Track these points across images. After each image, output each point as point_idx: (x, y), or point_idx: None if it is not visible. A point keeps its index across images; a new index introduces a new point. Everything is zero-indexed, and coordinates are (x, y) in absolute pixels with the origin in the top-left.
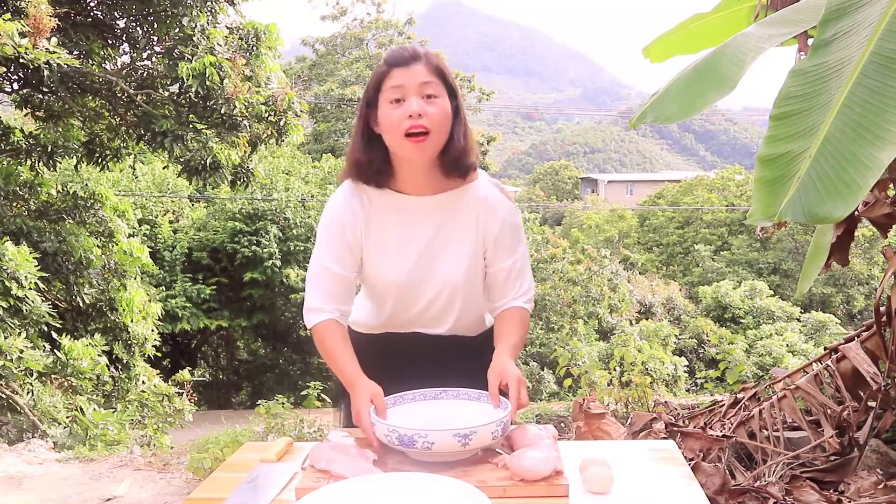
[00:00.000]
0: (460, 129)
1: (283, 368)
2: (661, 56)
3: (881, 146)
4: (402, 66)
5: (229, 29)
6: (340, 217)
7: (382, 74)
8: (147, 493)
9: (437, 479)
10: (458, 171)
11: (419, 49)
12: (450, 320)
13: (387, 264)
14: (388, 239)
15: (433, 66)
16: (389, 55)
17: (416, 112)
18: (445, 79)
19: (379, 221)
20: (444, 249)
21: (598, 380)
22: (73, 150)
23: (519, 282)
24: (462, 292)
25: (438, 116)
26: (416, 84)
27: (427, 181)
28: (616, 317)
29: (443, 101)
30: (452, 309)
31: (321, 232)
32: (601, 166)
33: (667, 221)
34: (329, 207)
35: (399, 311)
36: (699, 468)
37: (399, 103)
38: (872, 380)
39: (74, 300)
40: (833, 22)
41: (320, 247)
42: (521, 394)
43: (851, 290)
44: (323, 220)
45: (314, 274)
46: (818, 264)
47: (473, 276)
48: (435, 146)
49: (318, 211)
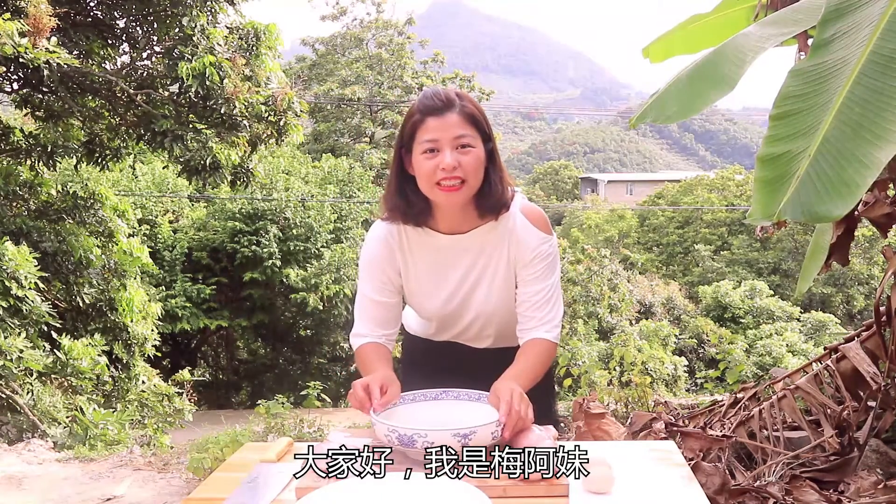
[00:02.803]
0: (496, 174)
1: (283, 368)
2: (660, 56)
3: (880, 145)
4: (436, 114)
5: (229, 29)
6: (379, 254)
7: (416, 123)
8: (147, 493)
9: (437, 479)
10: (492, 212)
11: (453, 96)
12: (489, 339)
13: (424, 299)
14: (424, 275)
15: (467, 115)
16: (423, 103)
17: (451, 165)
18: (479, 125)
19: (415, 258)
20: (478, 283)
21: (598, 380)
22: (73, 150)
23: (546, 309)
24: (497, 318)
25: (472, 166)
26: (451, 137)
27: (462, 221)
28: (616, 317)
29: (477, 150)
30: (490, 330)
31: (362, 267)
32: (601, 166)
33: (667, 221)
34: (367, 245)
35: (441, 330)
36: (699, 468)
37: (433, 153)
38: (872, 380)
39: (74, 300)
40: (833, 22)
41: (362, 280)
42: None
43: (851, 290)
44: (363, 257)
45: (359, 304)
46: (818, 264)
47: (507, 302)
48: (469, 193)
49: (317, 211)
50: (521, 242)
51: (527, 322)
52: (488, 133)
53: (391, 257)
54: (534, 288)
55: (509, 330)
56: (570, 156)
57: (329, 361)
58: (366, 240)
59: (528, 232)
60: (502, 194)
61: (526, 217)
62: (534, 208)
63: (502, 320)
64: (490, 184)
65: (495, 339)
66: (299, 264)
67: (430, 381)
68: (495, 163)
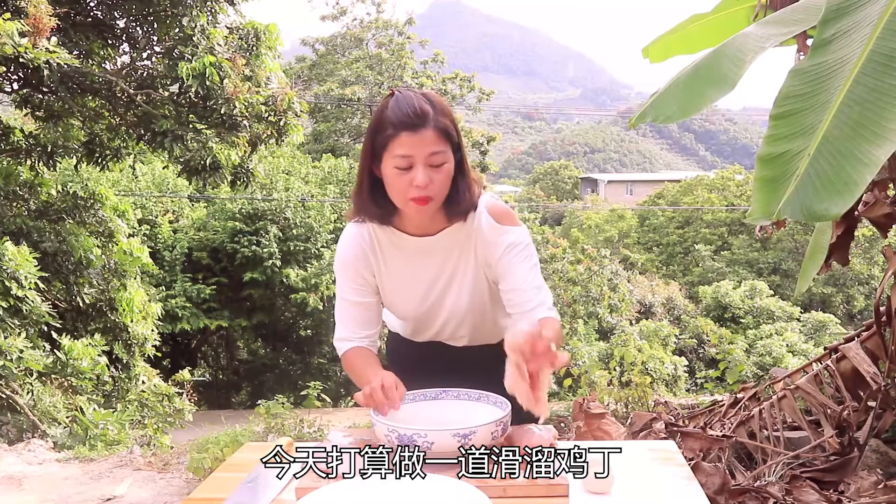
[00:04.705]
0: (464, 181)
1: (283, 368)
2: (660, 56)
3: (879, 144)
4: (410, 130)
5: (229, 29)
6: (353, 255)
7: (390, 137)
8: (147, 493)
9: (437, 479)
10: (460, 215)
11: (427, 108)
12: (464, 339)
13: (398, 300)
14: (397, 276)
15: (441, 130)
16: (397, 115)
17: (424, 183)
18: (451, 137)
19: (387, 259)
20: (449, 284)
21: (598, 380)
22: (73, 150)
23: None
24: (469, 318)
25: (443, 183)
26: (425, 154)
27: (430, 224)
28: (616, 317)
29: (448, 165)
30: (464, 330)
31: (337, 270)
32: (601, 166)
33: (667, 221)
34: (341, 247)
35: (417, 331)
36: (699, 468)
37: (406, 170)
38: (872, 380)
39: (74, 300)
40: (833, 21)
41: (339, 284)
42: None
43: (851, 290)
44: (337, 260)
45: (339, 308)
46: (817, 263)
47: (478, 301)
48: (437, 205)
49: (317, 211)
50: (489, 239)
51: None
52: (458, 142)
53: (365, 259)
54: (516, 276)
55: (483, 329)
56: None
57: (329, 361)
58: (339, 243)
59: (494, 229)
60: (470, 199)
61: (491, 215)
62: (499, 205)
63: (475, 320)
64: (458, 191)
65: (470, 339)
66: (299, 264)
67: (416, 380)
68: (464, 171)
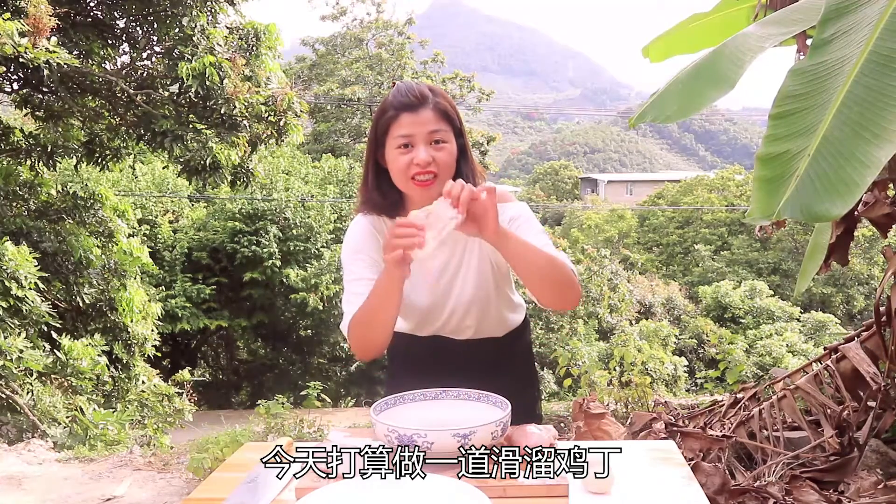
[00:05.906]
0: (467, 167)
1: (282, 368)
2: (660, 56)
3: (879, 144)
4: (410, 110)
5: (229, 29)
6: (364, 239)
7: (391, 119)
8: (147, 493)
9: (437, 479)
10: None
11: (426, 91)
12: (470, 330)
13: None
14: None
15: (441, 111)
16: (397, 98)
17: (425, 161)
18: (452, 120)
19: None
20: (455, 274)
21: (598, 380)
22: (73, 150)
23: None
24: (475, 307)
25: (446, 161)
26: (425, 133)
27: None
28: (616, 317)
29: (450, 146)
30: (469, 321)
31: (348, 255)
32: (601, 166)
33: (667, 221)
34: (351, 234)
35: (423, 325)
36: (699, 468)
37: (407, 149)
38: (872, 380)
39: (74, 300)
40: (832, 21)
41: (352, 265)
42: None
43: (851, 290)
44: (347, 247)
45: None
46: (816, 263)
47: (483, 290)
48: (441, 187)
49: (317, 211)
50: None
51: None
52: (460, 128)
53: (375, 242)
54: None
55: (488, 319)
56: (570, 156)
57: (329, 361)
58: (348, 232)
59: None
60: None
61: None
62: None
63: (480, 310)
64: (462, 178)
65: (476, 330)
66: (299, 264)
67: (418, 378)
68: (467, 157)
